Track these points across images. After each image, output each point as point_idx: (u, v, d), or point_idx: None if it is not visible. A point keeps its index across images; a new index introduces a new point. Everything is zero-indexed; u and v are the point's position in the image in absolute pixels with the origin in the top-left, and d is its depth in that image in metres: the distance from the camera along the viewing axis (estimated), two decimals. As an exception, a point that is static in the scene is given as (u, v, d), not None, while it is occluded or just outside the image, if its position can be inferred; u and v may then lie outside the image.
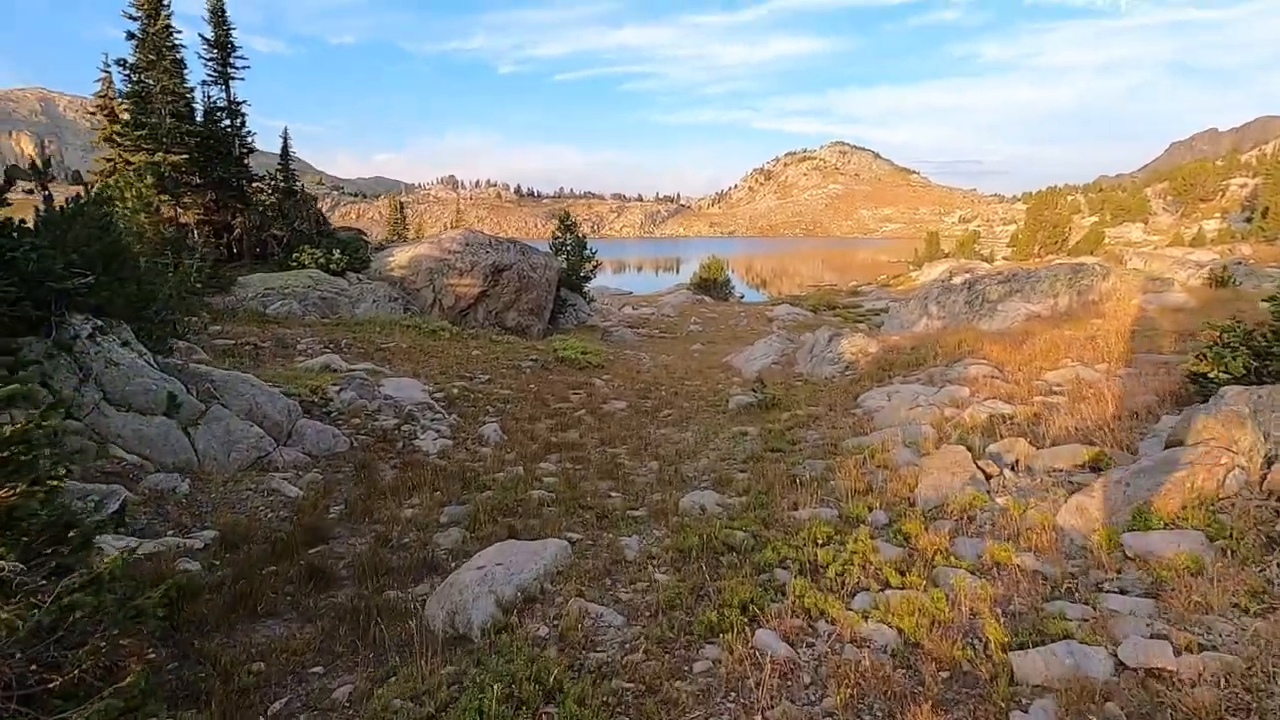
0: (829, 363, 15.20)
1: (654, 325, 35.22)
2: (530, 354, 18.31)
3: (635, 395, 14.94)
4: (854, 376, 13.75)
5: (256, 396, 7.37)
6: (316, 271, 18.58)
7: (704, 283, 48.86)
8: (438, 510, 6.18)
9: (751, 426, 10.56)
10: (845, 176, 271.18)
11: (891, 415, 9.53)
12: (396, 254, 21.42)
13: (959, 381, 10.63)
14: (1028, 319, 14.86)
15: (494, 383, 14.75)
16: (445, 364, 15.62)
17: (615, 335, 29.68)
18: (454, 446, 8.93)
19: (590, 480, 7.63)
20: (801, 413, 10.99)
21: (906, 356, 13.93)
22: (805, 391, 13.37)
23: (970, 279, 17.41)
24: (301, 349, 14.90)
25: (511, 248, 22.97)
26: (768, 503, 6.10)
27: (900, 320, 21.35)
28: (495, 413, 11.89)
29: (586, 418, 12.14)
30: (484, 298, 21.96)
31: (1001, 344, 12.88)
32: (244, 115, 18.06)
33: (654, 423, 11.79)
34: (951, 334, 15.20)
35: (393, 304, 19.46)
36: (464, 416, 10.99)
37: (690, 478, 7.68)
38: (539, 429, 10.87)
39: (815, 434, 9.70)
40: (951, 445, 6.33)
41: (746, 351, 19.57)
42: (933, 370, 11.95)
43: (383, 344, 16.53)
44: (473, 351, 17.60)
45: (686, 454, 8.96)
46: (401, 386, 10.65)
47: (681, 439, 10.09)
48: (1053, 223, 79.32)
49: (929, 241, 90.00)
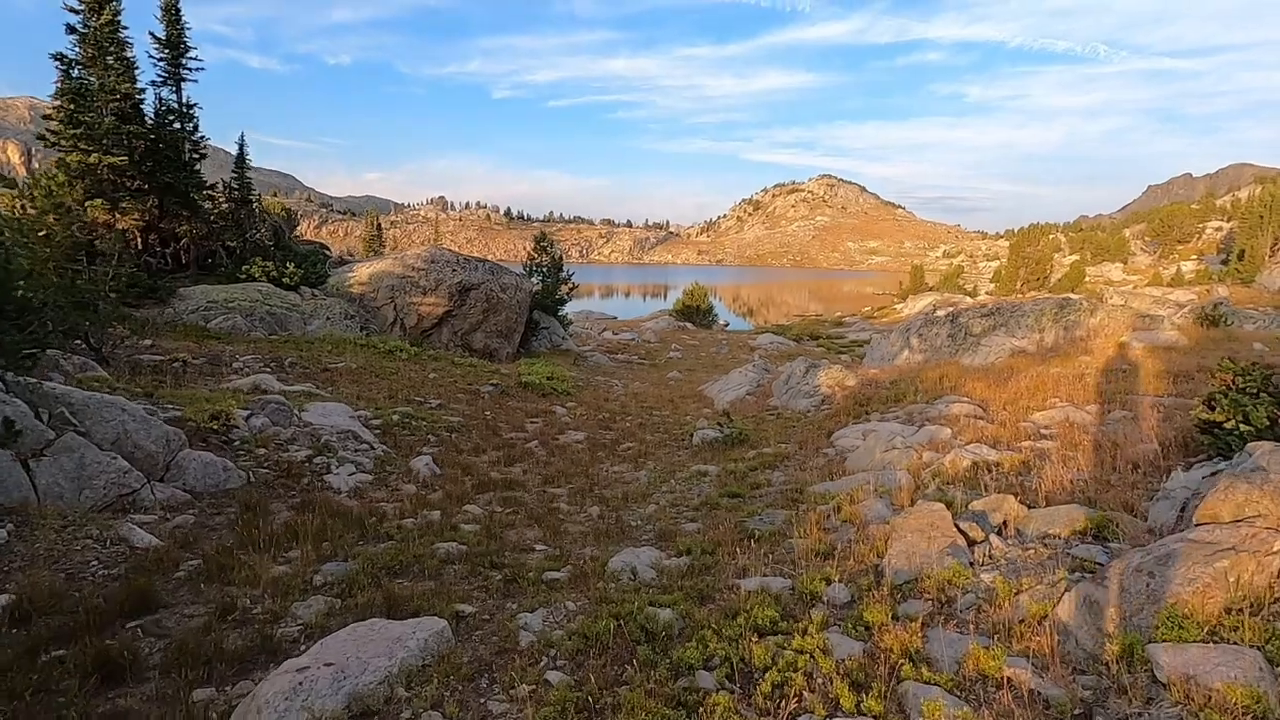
0: (804, 395, 14.33)
1: (633, 351, 34.34)
2: (492, 378, 17.30)
3: (597, 425, 13.95)
4: (829, 411, 12.87)
5: (127, 423, 6.31)
6: (267, 285, 17.52)
7: (687, 309, 48.23)
8: (315, 567, 5.13)
9: (713, 465, 9.60)
10: (832, 209, 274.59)
11: (866, 457, 8.62)
12: (357, 270, 20.42)
13: (940, 421, 9.76)
14: (1012, 354, 14.12)
15: (445, 408, 13.72)
16: (395, 387, 14.58)
17: (590, 360, 28.73)
18: (372, 483, 7.87)
19: (517, 528, 6.61)
20: (769, 451, 10.05)
21: (885, 391, 13.09)
22: (776, 426, 12.45)
23: (953, 311, 16.71)
24: (237, 367, 13.80)
25: (480, 267, 22.06)
26: (712, 565, 5.13)
27: (881, 353, 20.61)
28: (436, 442, 10.84)
29: (537, 450, 11.13)
30: (449, 318, 20.97)
31: (985, 380, 12.09)
32: (196, 118, 17.12)
33: (610, 457, 10.80)
34: (933, 368, 14.41)
35: (349, 322, 18.41)
36: (398, 447, 9.93)
37: (632, 527, 6.69)
38: (480, 463, 9.84)
39: (781, 476, 8.75)
40: (929, 501, 5.40)
41: (721, 381, 18.70)
42: (912, 408, 11.09)
43: (331, 364, 15.46)
44: (429, 374, 16.57)
45: (635, 497, 7.96)
46: (327, 412, 9.60)
47: (634, 479, 9.10)
48: (1035, 259, 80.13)
49: (913, 275, 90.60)
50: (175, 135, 16.51)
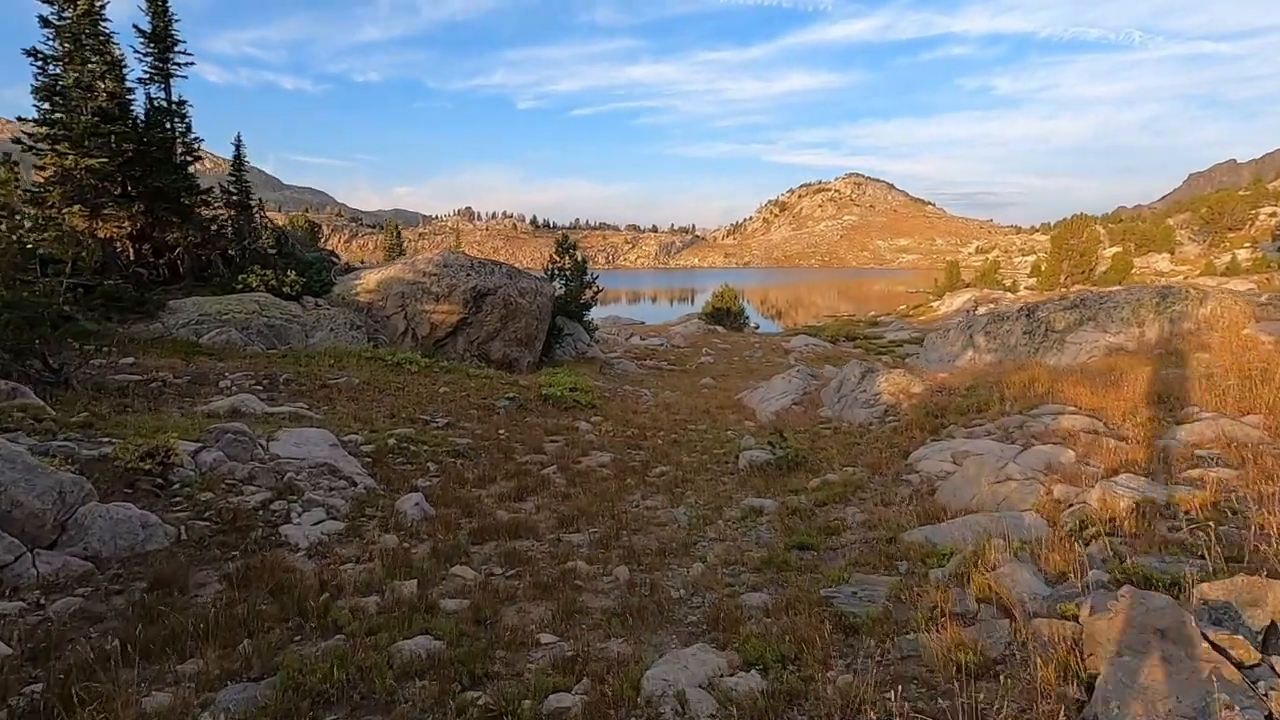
0: (863, 405, 12.43)
1: (662, 357, 32.64)
2: (510, 391, 15.73)
3: (624, 444, 12.25)
4: (896, 424, 10.96)
5: (2, 473, 4.77)
6: (265, 295, 16.22)
7: (717, 312, 46.37)
8: (209, 694, 3.49)
9: (769, 498, 7.79)
10: (860, 208, 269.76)
11: (967, 488, 6.74)
12: (364, 277, 19.06)
13: (1050, 438, 7.84)
14: (1109, 353, 12.04)
15: (453, 428, 12.16)
16: (400, 404, 13.07)
17: (618, 368, 27.10)
18: (343, 535, 6.25)
19: (519, 603, 4.91)
20: (835, 478, 8.20)
21: (961, 400, 11.14)
22: (835, 444, 10.59)
23: (1028, 305, 14.63)
24: (223, 386, 12.42)
25: (496, 270, 20.56)
26: (800, 689, 3.36)
27: (940, 353, 18.53)
28: (436, 471, 9.23)
29: (555, 478, 9.45)
30: (464, 326, 19.50)
31: (1086, 385, 10.07)
32: (188, 118, 15.94)
33: (640, 486, 9.06)
34: (1014, 371, 12.39)
35: (355, 333, 17.02)
36: (388, 480, 8.33)
37: (674, 600, 4.94)
38: (485, 498, 8.18)
39: (858, 514, 6.92)
40: (1142, 591, 3.52)
41: (762, 389, 16.86)
42: (1005, 420, 9.14)
43: (331, 379, 14.04)
44: (440, 388, 15.06)
45: (674, 548, 6.20)
46: (303, 441, 8.04)
47: (671, 518, 7.34)
48: (1079, 251, 76.45)
49: (949, 271, 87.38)
50: (165, 137, 15.32)
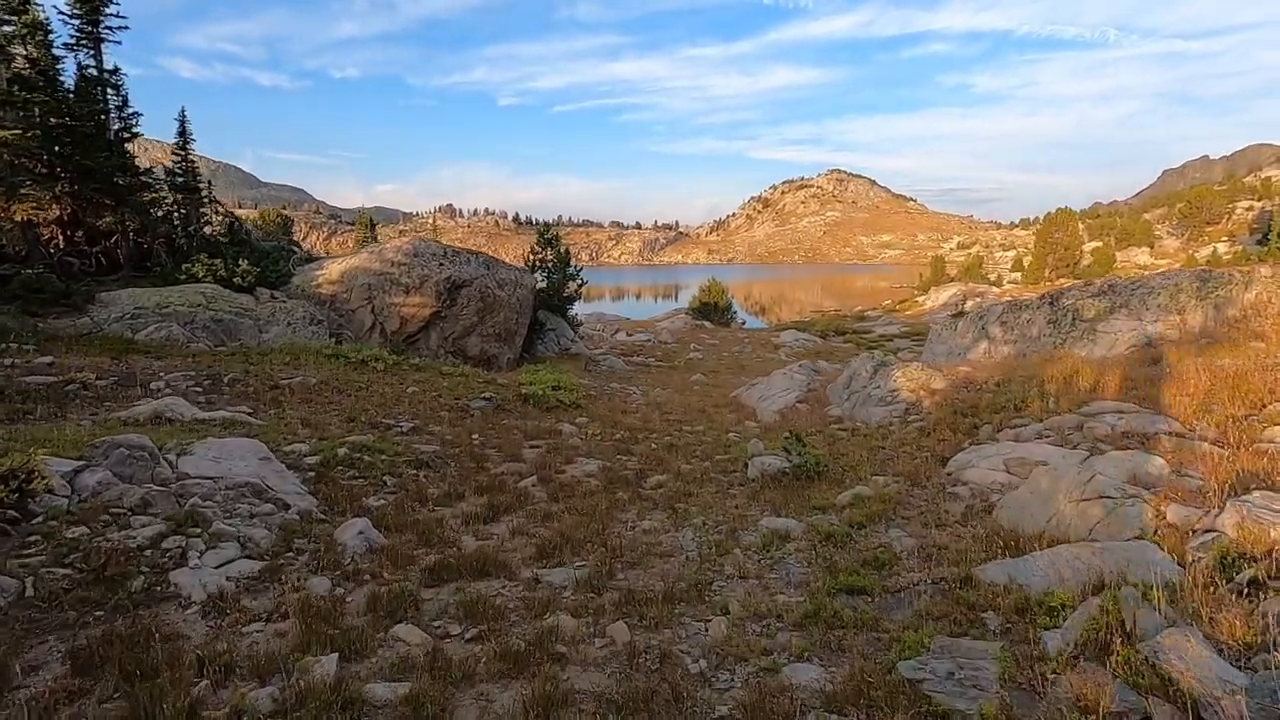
0: (878, 403, 11.19)
1: (649, 353, 31.35)
2: (486, 390, 14.30)
3: (614, 449, 10.89)
4: (922, 424, 9.72)
5: None
6: (213, 287, 14.62)
7: (704, 307, 45.14)
8: None
9: (791, 517, 6.48)
10: (843, 204, 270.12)
11: (1039, 507, 5.48)
12: (327, 267, 17.48)
13: (1121, 441, 6.63)
14: (1148, 342, 10.92)
15: (420, 432, 10.72)
16: (360, 407, 11.59)
17: (604, 364, 25.75)
18: (256, 580, 4.83)
19: (478, 685, 3.55)
20: (867, 492, 6.89)
21: (992, 396, 9.92)
22: (855, 447, 9.31)
23: (1052, 293, 13.48)
24: (155, 388, 10.88)
25: (472, 260, 19.05)
26: None
27: (947, 346, 17.38)
28: (394, 487, 7.81)
29: (534, 491, 8.07)
30: (437, 320, 18.00)
31: (1134, 378, 8.90)
32: (124, 90, 14.26)
33: (635, 501, 7.71)
34: (1042, 363, 11.23)
35: (315, 328, 15.48)
36: (332, 500, 6.90)
37: (692, 680, 3.60)
38: (449, 520, 6.79)
39: (907, 539, 5.63)
40: None
41: (761, 385, 15.58)
42: (1057, 420, 7.91)
43: (284, 379, 12.52)
44: (408, 388, 13.59)
45: (684, 592, 4.86)
46: (226, 453, 6.59)
47: (674, 545, 5.99)
48: (1064, 245, 76.53)
49: (934, 266, 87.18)
50: (96, 109, 13.66)
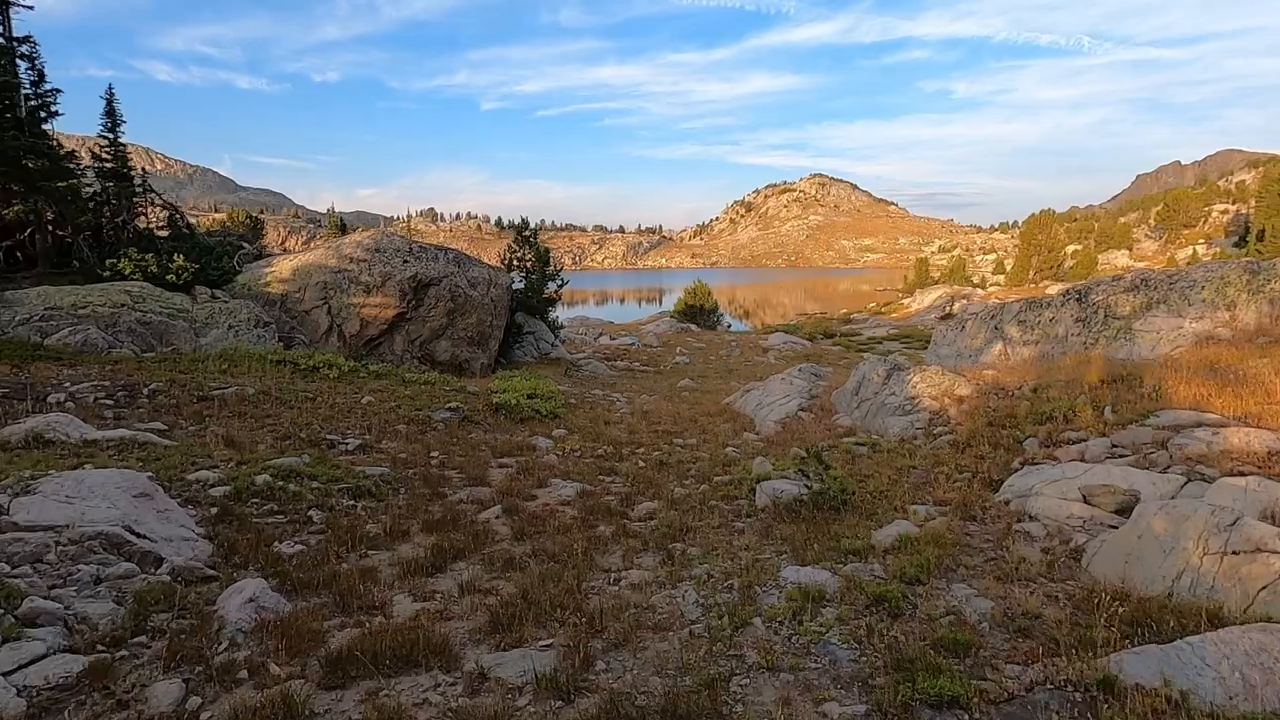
0: (895, 412, 9.85)
1: (634, 357, 29.91)
2: (453, 400, 12.79)
3: (595, 468, 9.43)
4: (952, 437, 8.38)
5: None
6: (143, 285, 12.95)
7: (689, 310, 43.84)
8: None
9: (820, 565, 5.07)
10: (825, 208, 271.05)
11: (1158, 559, 4.12)
12: (277, 264, 15.84)
13: (1226, 462, 5.34)
14: (1197, 341, 9.71)
15: (369, 451, 9.20)
16: (303, 421, 10.03)
17: (586, 370, 24.27)
18: (64, 696, 3.30)
19: None
20: (914, 531, 5.49)
21: (1029, 404, 8.61)
22: (880, 466, 7.94)
23: (1080, 288, 12.26)
24: (54, 401, 9.24)
25: (441, 256, 17.48)
26: None
27: (955, 348, 16.15)
28: (321, 523, 6.29)
29: (498, 527, 6.59)
30: (403, 322, 16.43)
31: (1203, 383, 7.63)
32: (38, 61, 12.53)
33: (620, 539, 6.25)
34: (1076, 366, 9.96)
35: (262, 331, 13.84)
36: (232, 546, 5.37)
37: None
38: (383, 572, 5.28)
39: (981, 601, 4.24)
40: None
41: (757, 392, 14.21)
42: (1124, 434, 6.60)
43: (216, 390, 10.90)
44: (363, 398, 12.04)
45: (690, 696, 3.41)
46: (86, 490, 5.04)
47: (671, 611, 4.54)
48: (1048, 247, 76.82)
49: (918, 268, 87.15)
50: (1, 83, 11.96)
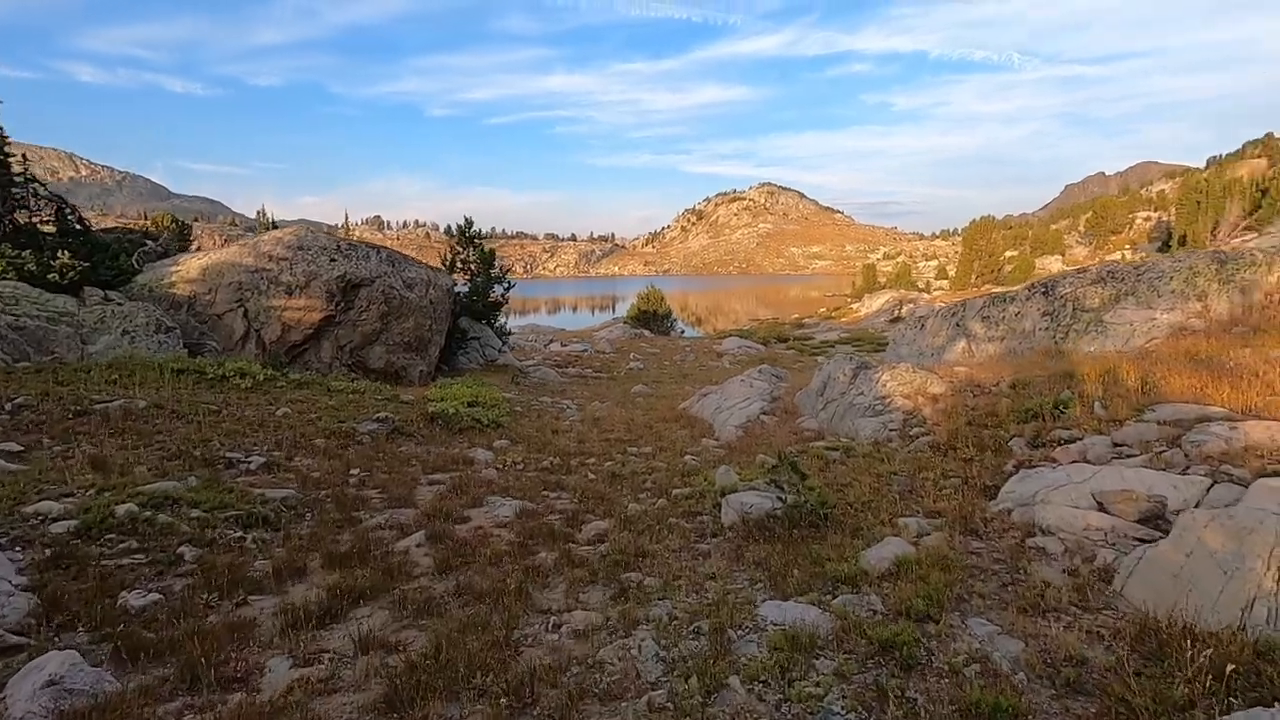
0: (865, 413, 9.13)
1: (586, 363, 28.85)
2: (383, 410, 11.54)
3: (539, 482, 8.37)
4: (930, 439, 7.68)
5: None
6: (16, 285, 11.27)
7: (643, 315, 42.97)
8: None
9: (805, 599, 4.18)
10: (774, 216, 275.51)
11: (1220, 580, 3.37)
12: (183, 263, 14.23)
13: (1250, 458, 4.73)
14: (1171, 333, 9.34)
15: (276, 470, 7.95)
16: (200, 437, 8.67)
17: (535, 376, 23.08)
18: None
19: None
20: (911, 552, 4.67)
21: (1010, 401, 7.99)
22: (856, 473, 7.15)
23: (1047, 282, 11.87)
24: (-122, 420, 7.69)
25: (373, 255, 16.12)
26: None
27: (916, 347, 15.70)
28: (190, 564, 5.09)
29: (418, 558, 5.49)
30: (331, 327, 15.01)
31: (1193, 375, 7.12)
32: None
33: (564, 567, 5.24)
34: (1046, 360, 9.47)
35: (164, 336, 12.29)
36: (59, 601, 4.15)
37: None
38: (262, 625, 4.16)
39: (1008, 640, 3.42)
40: None
41: (714, 395, 13.38)
42: (1128, 430, 5.98)
43: (100, 403, 9.41)
44: (279, 410, 10.69)
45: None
46: None
47: (625, 669, 3.55)
48: (988, 252, 79.39)
49: (866, 274, 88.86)
50: None
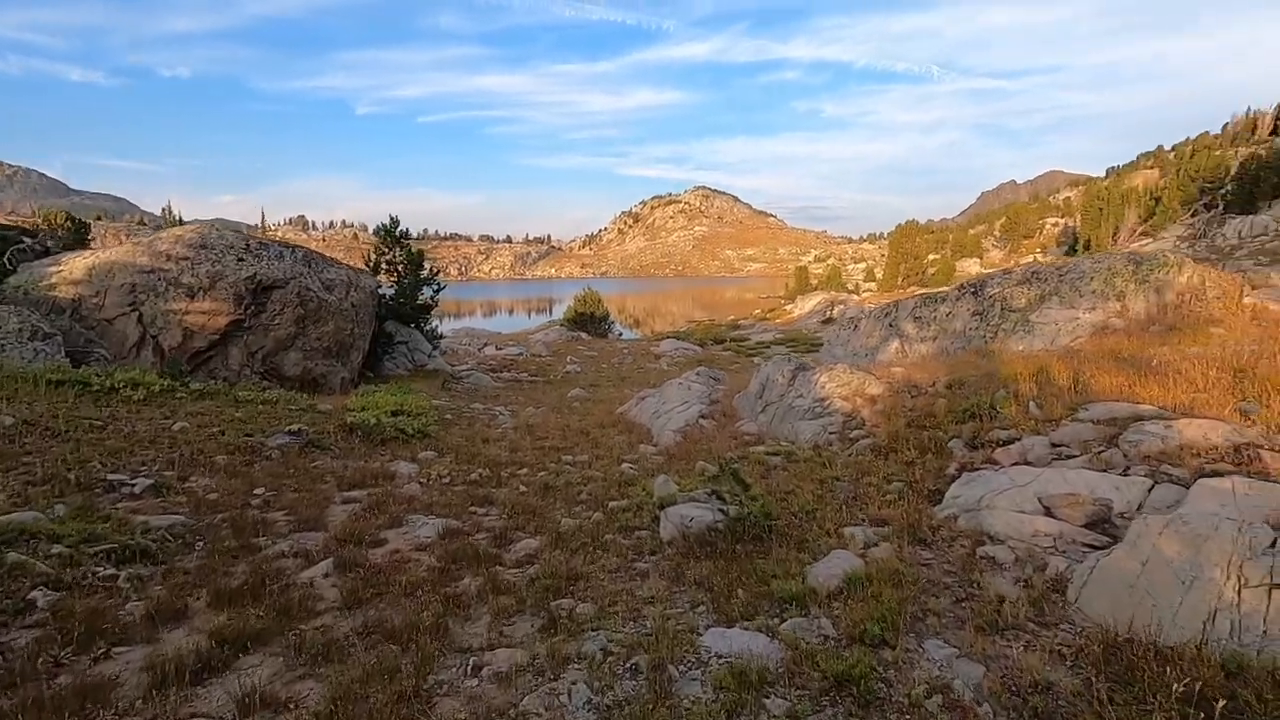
0: (805, 415, 8.99)
1: (521, 367, 28.10)
2: (298, 420, 10.66)
3: (467, 497, 7.79)
4: (871, 441, 7.57)
5: None
6: None
7: (580, 318, 42.43)
8: None
9: (751, 625, 3.86)
10: (709, 219, 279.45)
11: (1178, 590, 3.25)
12: (66, 263, 12.83)
13: (1185, 457, 4.72)
14: (1094, 332, 9.62)
15: (165, 492, 7.09)
16: (78, 457, 7.68)
17: (467, 382, 22.23)
18: None
19: None
20: (860, 567, 4.43)
21: (947, 401, 7.99)
22: (798, 479, 6.93)
23: (976, 282, 12.11)
24: None
25: (287, 254, 15.01)
26: None
27: (850, 348, 15.86)
28: (43, 611, 4.33)
29: (323, 590, 4.88)
30: (240, 331, 13.85)
31: (1121, 373, 7.26)
32: None
33: (487, 597, 4.74)
34: (978, 359, 9.59)
35: (41, 344, 10.98)
36: None
37: None
38: (124, 684, 3.50)
39: (968, 664, 3.18)
40: None
41: (652, 399, 13.06)
42: (1065, 430, 5.96)
43: (-46, 421, 8.23)
44: (176, 423, 9.68)
45: None
46: None
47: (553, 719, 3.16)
48: (913, 255, 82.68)
49: (798, 276, 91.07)
50: None
